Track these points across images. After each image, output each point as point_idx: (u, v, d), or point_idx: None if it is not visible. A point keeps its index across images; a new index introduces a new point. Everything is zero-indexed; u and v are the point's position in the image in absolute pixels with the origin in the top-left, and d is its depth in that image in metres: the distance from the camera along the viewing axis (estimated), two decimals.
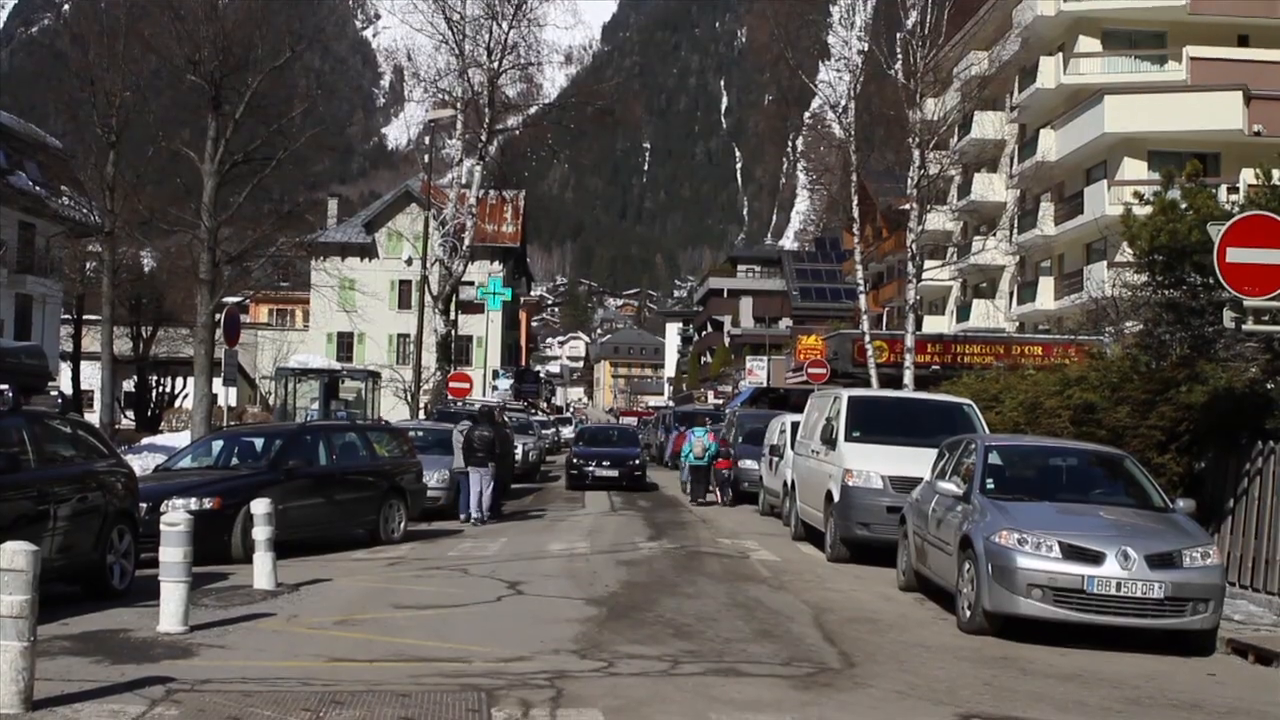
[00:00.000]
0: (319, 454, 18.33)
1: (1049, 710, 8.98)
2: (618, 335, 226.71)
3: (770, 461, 25.43)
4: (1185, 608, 11.49)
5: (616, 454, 34.54)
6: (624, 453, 34.94)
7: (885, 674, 10.02)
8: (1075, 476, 14.05)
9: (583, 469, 33.56)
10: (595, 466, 33.40)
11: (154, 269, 57.53)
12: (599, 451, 34.97)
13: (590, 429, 45.38)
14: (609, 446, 36.18)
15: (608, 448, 35.78)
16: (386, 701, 8.35)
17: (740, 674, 9.78)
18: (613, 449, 35.53)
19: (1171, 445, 15.93)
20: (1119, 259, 31.16)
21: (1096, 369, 18.43)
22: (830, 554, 17.74)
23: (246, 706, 8.10)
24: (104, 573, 12.54)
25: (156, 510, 13.81)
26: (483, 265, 64.45)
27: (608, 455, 34.29)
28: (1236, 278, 13.00)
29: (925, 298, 56.90)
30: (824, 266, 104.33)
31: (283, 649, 10.26)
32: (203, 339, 29.80)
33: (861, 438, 18.05)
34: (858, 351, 39.35)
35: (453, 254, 40.32)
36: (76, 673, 8.93)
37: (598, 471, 33.21)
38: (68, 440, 13.02)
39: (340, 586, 14.03)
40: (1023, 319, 53.48)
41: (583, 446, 36.47)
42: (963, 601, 12.35)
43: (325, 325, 65.80)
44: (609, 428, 48.61)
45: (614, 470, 33.28)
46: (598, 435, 40.50)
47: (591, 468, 33.42)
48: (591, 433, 41.75)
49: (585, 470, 33.44)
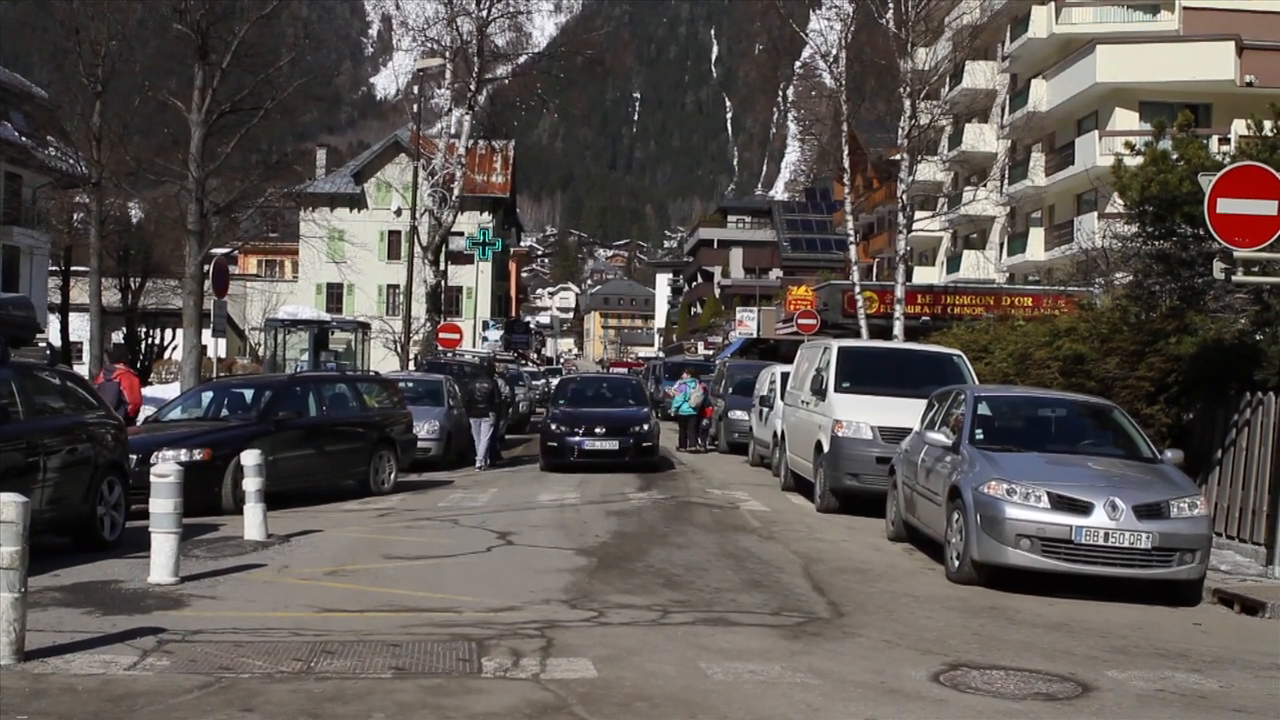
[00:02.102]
0: (309, 405, 18.32)
1: (1036, 659, 9.04)
2: (608, 286, 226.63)
3: (760, 412, 25.48)
4: (1172, 558, 11.56)
5: (615, 417, 24.83)
6: (626, 415, 25.12)
7: (874, 623, 10.07)
8: (1064, 427, 14.09)
9: (565, 440, 23.90)
10: (584, 436, 23.85)
11: (142, 220, 57.21)
12: (590, 415, 24.94)
13: (576, 381, 30.96)
14: (603, 406, 26.12)
15: (601, 408, 25.83)
16: (377, 651, 8.38)
17: (730, 623, 9.82)
18: (609, 410, 25.63)
19: (1160, 396, 15.98)
20: (1110, 210, 31.18)
21: (1086, 320, 18.44)
22: (820, 504, 17.80)
23: (238, 657, 8.13)
24: (94, 524, 12.56)
25: (146, 462, 13.84)
26: (472, 216, 64.24)
27: (602, 420, 24.52)
28: (1227, 228, 12.99)
29: (915, 249, 56.86)
30: (814, 217, 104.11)
31: (274, 600, 10.29)
32: (191, 290, 29.74)
33: (851, 388, 18.06)
34: (848, 302, 39.35)
35: (442, 204, 40.16)
36: (68, 624, 8.95)
37: (587, 443, 23.75)
38: (57, 392, 13.00)
39: (331, 537, 14.06)
40: (1013, 270, 53.50)
41: (565, 407, 25.74)
42: (951, 552, 12.41)
43: (314, 276, 65.78)
44: (602, 379, 34.15)
45: (612, 440, 23.78)
46: (586, 390, 28.34)
47: (578, 438, 23.84)
48: (578, 387, 29.02)
49: (569, 443, 23.85)
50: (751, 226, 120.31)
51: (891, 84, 36.98)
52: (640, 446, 23.83)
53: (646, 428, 24.26)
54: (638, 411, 25.37)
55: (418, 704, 7.17)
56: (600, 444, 23.66)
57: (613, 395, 27.35)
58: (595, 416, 24.64)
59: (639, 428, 24.15)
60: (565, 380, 31.03)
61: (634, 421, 24.47)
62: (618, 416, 24.86)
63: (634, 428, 24.11)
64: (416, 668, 8.03)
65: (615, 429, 23.97)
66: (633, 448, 23.73)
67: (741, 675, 8.12)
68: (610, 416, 24.79)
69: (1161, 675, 8.77)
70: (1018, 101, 50.99)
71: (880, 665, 8.59)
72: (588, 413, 25.06)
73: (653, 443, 24.24)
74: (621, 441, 23.72)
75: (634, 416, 24.89)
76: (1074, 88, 45.73)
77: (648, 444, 24.00)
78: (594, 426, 23.94)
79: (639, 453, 23.83)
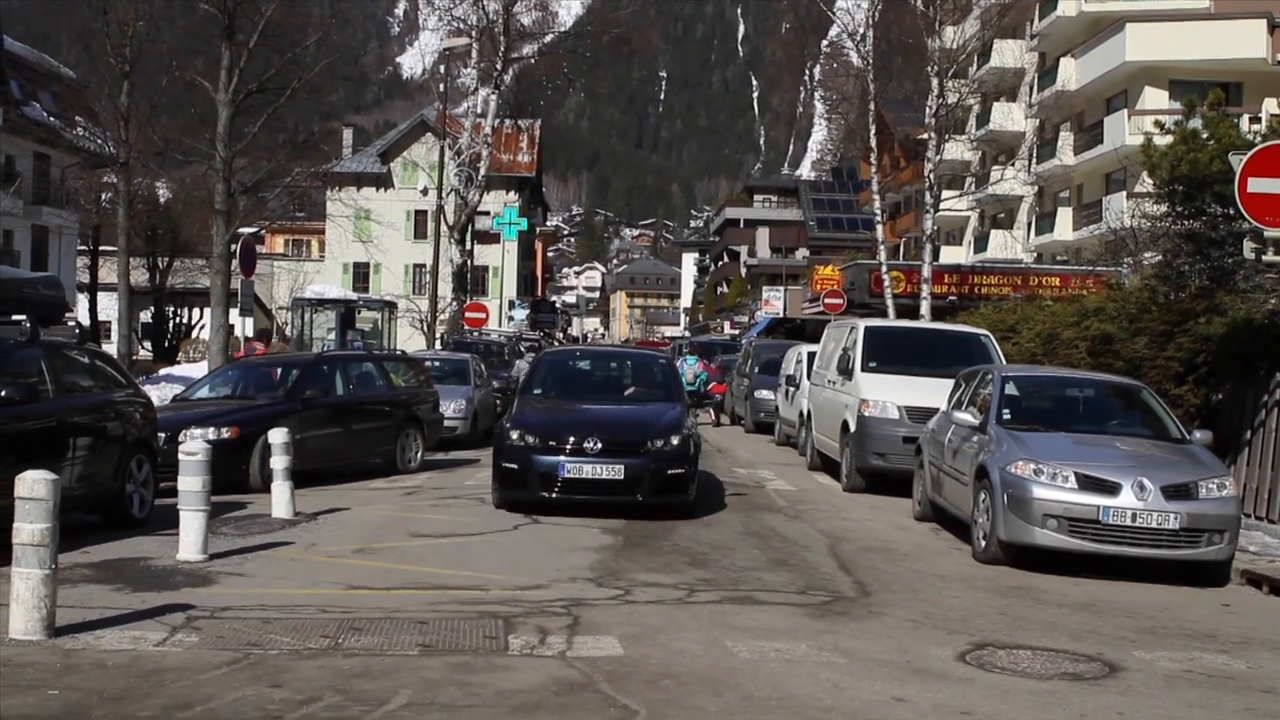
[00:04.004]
0: (336, 384, 18.37)
1: (1063, 639, 9.02)
2: (634, 265, 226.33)
3: (786, 392, 25.43)
4: (1200, 539, 11.50)
5: (621, 422, 15.11)
6: (639, 418, 15.25)
7: (900, 603, 10.07)
8: (1092, 407, 14.02)
9: (533, 461, 14.19)
10: (567, 456, 14.12)
11: (169, 200, 57.55)
12: (578, 416, 15.21)
13: (565, 358, 19.78)
14: (606, 402, 16.23)
15: (601, 405, 15.98)
16: (404, 629, 8.42)
17: (756, 602, 9.83)
18: (613, 410, 15.74)
19: (1189, 377, 15.89)
20: (1139, 189, 30.93)
21: (1114, 300, 18.36)
22: (846, 484, 17.78)
23: (266, 633, 8.18)
24: (123, 502, 12.63)
25: (175, 440, 13.89)
26: (498, 195, 64.31)
27: (598, 425, 14.68)
28: (1258, 208, 12.90)
29: (943, 228, 56.62)
30: (841, 196, 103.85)
31: (301, 577, 10.34)
32: (218, 269, 29.82)
33: (878, 368, 18.02)
34: (875, 282, 39.26)
35: (468, 184, 40.19)
36: (98, 600, 9.01)
37: (570, 466, 14.03)
38: (86, 370, 13.06)
39: (358, 515, 14.11)
40: (1040, 250, 53.23)
41: (540, 402, 15.90)
42: (978, 531, 12.38)
43: (341, 255, 65.93)
44: (610, 354, 22.66)
45: (613, 463, 14.05)
46: (581, 373, 18.18)
47: (556, 457, 14.14)
48: (568, 367, 18.40)
49: (540, 465, 14.13)
50: (778, 206, 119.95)
51: (919, 62, 36.84)
52: (663, 475, 14.09)
53: (675, 442, 14.33)
54: (662, 412, 15.25)
55: (445, 681, 7.20)
56: (593, 468, 13.93)
57: (627, 384, 17.27)
58: (587, 419, 14.89)
59: (662, 442, 14.26)
60: (547, 358, 18.75)
61: (653, 429, 14.56)
62: (625, 420, 15.16)
63: (651, 442, 14.24)
64: (443, 645, 8.07)
65: (619, 442, 14.19)
66: (649, 476, 14.01)
67: (768, 654, 8.13)
68: (613, 420, 15.05)
69: (1189, 656, 8.74)
70: (1046, 80, 50.63)
71: (906, 644, 8.59)
72: (575, 412, 15.34)
73: (684, 468, 14.32)
74: (630, 466, 13.96)
75: (654, 420, 14.90)
76: (1103, 66, 45.38)
77: (677, 470, 14.22)
78: (584, 437, 14.11)
79: (659, 485, 14.09)
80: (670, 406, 15.74)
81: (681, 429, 14.84)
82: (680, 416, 15.35)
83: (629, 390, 16.94)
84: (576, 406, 15.81)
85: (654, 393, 16.61)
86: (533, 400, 16.03)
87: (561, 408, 15.76)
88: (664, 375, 17.36)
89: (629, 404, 16.27)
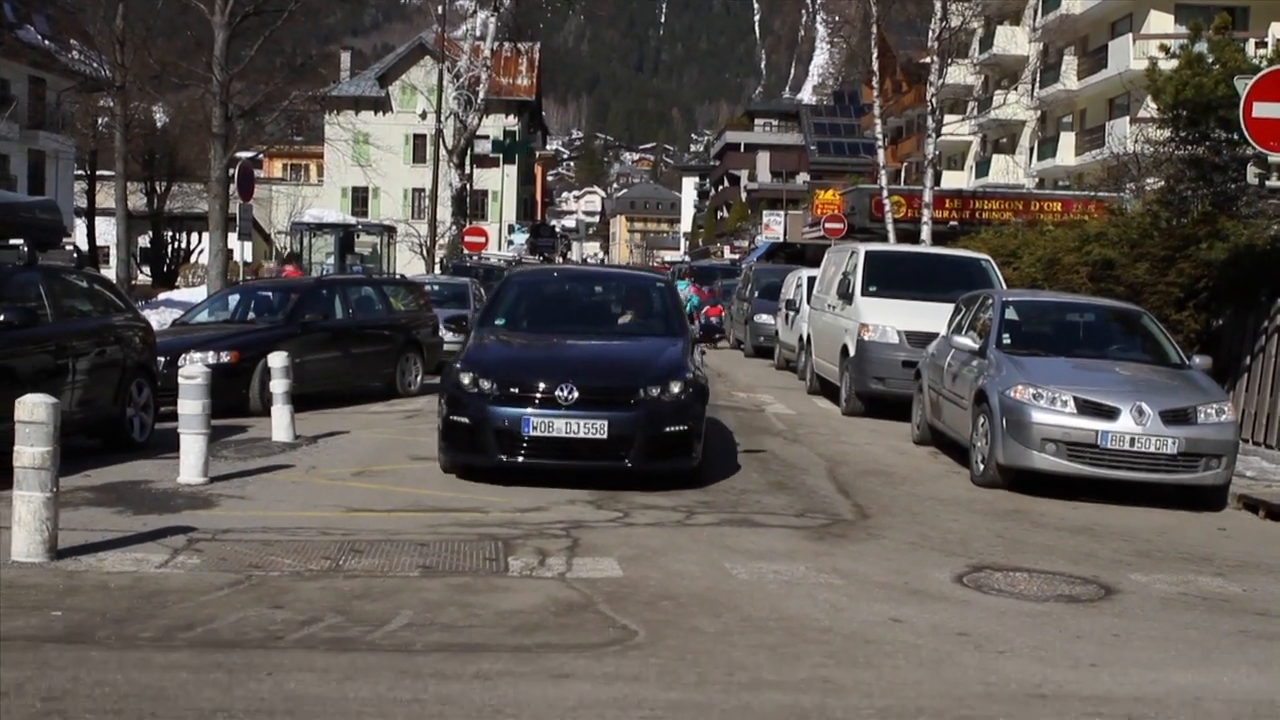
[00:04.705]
0: (335, 308, 18.35)
1: (1060, 562, 9.07)
2: (634, 190, 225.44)
3: (786, 316, 25.40)
4: (1198, 463, 11.54)
5: (605, 363, 12.06)
6: (627, 358, 12.12)
7: (898, 525, 10.12)
8: (1092, 332, 14.02)
9: (490, 413, 10.93)
10: (536, 407, 10.84)
11: (166, 124, 57.17)
12: (554, 354, 12.19)
13: (532, 279, 15.61)
14: (588, 335, 12.91)
15: (582, 339, 12.72)
16: (405, 550, 8.46)
17: (755, 525, 9.87)
18: (596, 347, 12.60)
19: (1189, 302, 15.89)
20: (1142, 114, 30.77)
21: (1116, 225, 18.31)
22: (845, 408, 17.81)
23: (267, 555, 8.22)
24: (124, 426, 12.64)
25: (174, 364, 13.87)
26: (497, 119, 63.85)
27: (576, 367, 11.48)
28: (1262, 133, 12.84)
29: (944, 153, 56.34)
30: (842, 121, 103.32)
31: (302, 500, 10.38)
32: (217, 194, 29.66)
33: (878, 292, 17.99)
34: (875, 206, 39.10)
35: (467, 107, 39.93)
36: (99, 523, 9.05)
37: (537, 421, 10.76)
38: (84, 295, 13.02)
39: (358, 439, 14.14)
40: (1042, 175, 53.00)
41: (496, 346, 12.36)
42: (976, 455, 12.42)
43: (340, 180, 65.60)
44: (594, 276, 18.17)
45: (594, 417, 10.81)
46: (558, 300, 14.23)
47: (520, 408, 10.86)
48: (538, 288, 14.61)
49: (498, 417, 10.89)
50: (779, 130, 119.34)
51: None
52: (659, 433, 11.00)
53: (675, 389, 11.19)
54: (659, 351, 12.11)
55: (445, 602, 7.25)
56: (568, 424, 10.77)
57: (616, 313, 13.90)
58: (561, 360, 11.81)
59: (658, 390, 11.13)
60: (514, 279, 14.79)
61: (647, 372, 11.39)
62: (612, 361, 12.06)
63: (645, 390, 11.11)
64: (443, 566, 8.11)
65: (602, 390, 11.08)
66: (641, 435, 10.90)
67: (766, 575, 8.18)
68: (595, 361, 12.00)
69: (1185, 579, 8.80)
70: (1050, 3, 50.16)
71: (904, 566, 8.64)
72: (547, 350, 12.31)
73: (687, 424, 11.17)
74: (616, 421, 10.83)
75: (648, 361, 11.74)
76: None
77: (677, 427, 11.10)
78: (556, 383, 10.91)
79: (654, 447, 11.00)
80: (670, 343, 12.39)
81: (684, 372, 11.48)
82: (682, 356, 11.96)
83: (619, 321, 13.58)
84: (549, 343, 12.55)
85: (650, 325, 13.26)
86: (493, 335, 12.66)
87: (529, 345, 12.56)
88: (663, 303, 13.71)
89: (617, 340, 12.86)
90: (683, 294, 28.61)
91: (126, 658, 6.05)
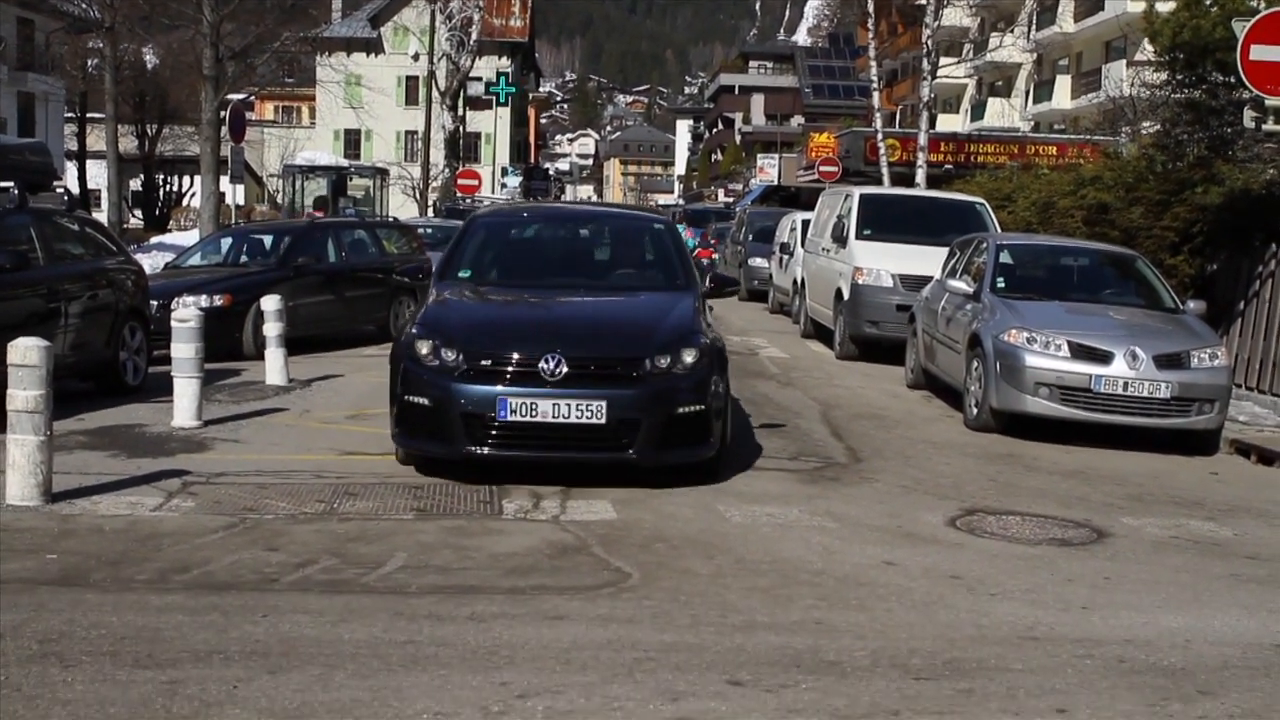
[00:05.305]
0: (328, 251, 18.29)
1: (1052, 505, 9.11)
2: (627, 132, 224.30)
3: (780, 259, 25.35)
4: (1191, 408, 11.57)
5: (598, 327, 9.58)
6: (630, 321, 9.67)
7: (891, 469, 10.15)
8: (1086, 276, 14.00)
9: (456, 393, 8.71)
10: (507, 385, 8.63)
11: (157, 66, 56.68)
12: (530, 320, 9.72)
13: (501, 222, 12.11)
14: (576, 290, 10.37)
15: (564, 299, 10.16)
16: (398, 493, 8.48)
17: (748, 468, 9.88)
18: (585, 309, 10.09)
19: (1184, 247, 15.86)
20: (1139, 57, 30.59)
21: (1111, 169, 18.24)
22: (839, 351, 17.82)
23: (261, 498, 8.24)
24: (117, 369, 12.63)
25: (167, 308, 13.83)
26: (490, 60, 63.47)
27: (564, 331, 9.22)
28: (1259, 76, 12.76)
29: (940, 96, 56.03)
30: (837, 63, 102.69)
31: (296, 443, 10.39)
32: (208, 136, 29.48)
33: (872, 236, 17.95)
34: (870, 150, 38.94)
35: (460, 48, 39.71)
36: (94, 466, 9.06)
37: (514, 404, 8.52)
38: (76, 238, 12.97)
39: (352, 382, 14.14)
40: (1038, 118, 52.79)
41: (459, 305, 9.95)
42: (970, 399, 12.44)
43: (332, 122, 65.35)
44: (576, 215, 14.22)
45: (587, 398, 8.55)
46: (525, 246, 11.68)
47: (493, 386, 8.65)
48: (508, 233, 11.77)
49: (468, 398, 8.66)
50: (773, 73, 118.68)
51: None
52: (670, 415, 8.86)
53: (688, 359, 9.02)
54: (665, 309, 9.84)
55: (439, 544, 7.27)
56: (554, 405, 8.59)
57: (605, 260, 11.66)
58: (544, 322, 9.69)
59: (668, 360, 8.96)
60: (480, 222, 11.74)
61: (653, 338, 9.19)
62: (608, 323, 9.78)
63: (652, 360, 8.91)
64: (437, 509, 8.13)
65: (597, 361, 8.94)
66: (647, 418, 8.76)
67: (759, 518, 8.21)
68: (587, 323, 9.78)
69: (1176, 523, 8.84)
70: None
71: (897, 510, 8.67)
72: (523, 310, 10.13)
73: (702, 402, 8.98)
74: (616, 401, 8.68)
75: (653, 323, 9.51)
76: None
77: (692, 406, 8.94)
78: (539, 352, 8.75)
79: (664, 433, 8.85)
80: (676, 298, 10.04)
81: (698, 336, 9.24)
82: (693, 315, 9.69)
83: (611, 273, 11.19)
84: (527, 301, 10.17)
85: (649, 277, 10.90)
86: (456, 291, 10.20)
87: (503, 304, 10.20)
88: (665, 249, 11.17)
89: (611, 296, 10.44)
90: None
91: (122, 600, 6.07)
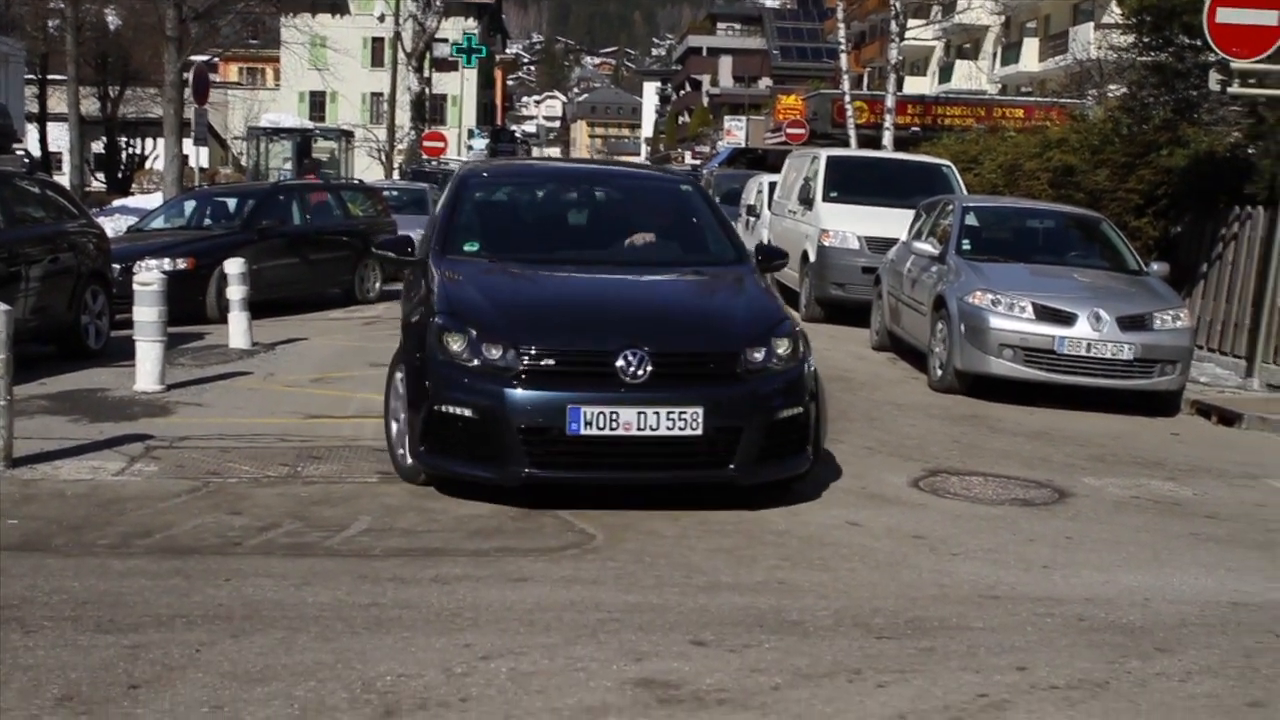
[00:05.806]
0: (293, 214, 18.19)
1: (1015, 466, 9.17)
2: (595, 95, 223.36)
3: (747, 222, 25.31)
4: (1153, 369, 11.65)
5: (679, 313, 7.75)
6: (709, 306, 7.89)
7: (856, 430, 10.17)
8: (1051, 239, 14.06)
9: (504, 405, 6.82)
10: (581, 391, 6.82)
11: (119, 26, 56.01)
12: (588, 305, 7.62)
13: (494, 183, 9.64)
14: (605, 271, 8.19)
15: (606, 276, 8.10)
16: (363, 456, 8.46)
17: None
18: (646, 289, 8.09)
19: (1149, 209, 15.95)
20: (1106, 20, 30.63)
21: (1078, 132, 18.29)
22: (805, 313, 17.84)
23: (225, 462, 8.20)
24: (79, 333, 12.53)
25: (130, 271, 13.75)
26: (457, 21, 63.02)
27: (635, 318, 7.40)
28: (1225, 39, 12.79)
29: (907, 58, 55.95)
30: (806, 25, 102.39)
31: (259, 406, 10.35)
32: (171, 98, 29.13)
33: (839, 198, 17.96)
34: (837, 112, 38.90)
35: (426, 9, 39.38)
36: (55, 431, 8.99)
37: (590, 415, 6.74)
38: (36, 201, 12.84)
39: (316, 345, 14.09)
40: (1005, 81, 52.86)
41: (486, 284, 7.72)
42: (934, 361, 12.49)
43: (297, 84, 64.79)
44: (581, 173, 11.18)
45: (680, 403, 6.79)
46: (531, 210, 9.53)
47: (560, 394, 6.81)
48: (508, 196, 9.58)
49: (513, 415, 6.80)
50: (741, 34, 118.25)
51: None
52: (771, 420, 7.16)
53: (782, 351, 7.35)
54: (733, 288, 8.13)
55: (404, 507, 7.26)
56: (640, 416, 6.79)
57: (632, 228, 9.09)
58: (607, 307, 7.68)
59: (762, 354, 7.24)
60: (471, 182, 9.24)
61: (741, 327, 7.45)
62: (685, 309, 7.92)
63: (747, 353, 7.20)
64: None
65: (690, 357, 7.20)
66: (750, 426, 7.04)
67: None
68: (663, 308, 7.91)
69: (1137, 483, 8.91)
70: None
71: (861, 471, 8.70)
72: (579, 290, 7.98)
73: (801, 404, 7.35)
74: (715, 405, 6.92)
75: (731, 308, 7.83)
76: None
77: (792, 410, 7.28)
78: (616, 346, 6.92)
79: (766, 443, 7.16)
80: (740, 274, 8.37)
81: (786, 322, 7.70)
82: (767, 295, 8.20)
83: (642, 244, 8.94)
84: (568, 281, 8.13)
85: (694, 249, 8.92)
86: (471, 269, 8.15)
87: (542, 284, 8.03)
88: (702, 214, 9.21)
89: (660, 274, 8.42)
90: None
91: (84, 565, 6.04)
